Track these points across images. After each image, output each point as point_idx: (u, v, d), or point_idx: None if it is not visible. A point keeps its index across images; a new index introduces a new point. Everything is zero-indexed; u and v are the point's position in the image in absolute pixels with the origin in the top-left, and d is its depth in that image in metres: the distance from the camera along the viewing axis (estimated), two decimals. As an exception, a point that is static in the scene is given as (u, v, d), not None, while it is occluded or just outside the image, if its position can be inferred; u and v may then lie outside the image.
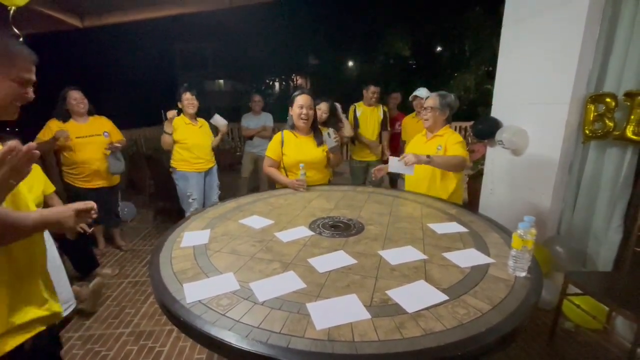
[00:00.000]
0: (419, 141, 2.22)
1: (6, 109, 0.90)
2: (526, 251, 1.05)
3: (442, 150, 2.01)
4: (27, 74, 0.90)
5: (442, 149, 2.02)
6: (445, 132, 2.06)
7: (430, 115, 2.05)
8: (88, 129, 2.71)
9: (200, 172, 2.96)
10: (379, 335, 0.80)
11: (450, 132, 2.06)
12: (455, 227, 1.48)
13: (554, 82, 2.18)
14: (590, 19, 1.96)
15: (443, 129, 2.07)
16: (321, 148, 2.18)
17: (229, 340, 0.79)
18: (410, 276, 1.07)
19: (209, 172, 3.05)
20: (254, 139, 3.93)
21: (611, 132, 1.94)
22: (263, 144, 4.01)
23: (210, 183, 3.08)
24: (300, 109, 2.07)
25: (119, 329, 2.04)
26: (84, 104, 2.69)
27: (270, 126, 4.04)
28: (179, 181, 2.93)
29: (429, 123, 2.08)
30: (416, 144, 2.23)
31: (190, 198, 2.91)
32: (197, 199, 2.94)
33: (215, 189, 3.13)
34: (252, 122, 3.94)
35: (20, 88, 0.89)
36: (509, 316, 0.87)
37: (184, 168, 2.89)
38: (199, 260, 1.19)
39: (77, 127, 2.65)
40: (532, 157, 2.41)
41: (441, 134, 2.07)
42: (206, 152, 2.98)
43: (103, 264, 2.79)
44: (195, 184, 2.92)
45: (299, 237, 1.37)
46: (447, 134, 2.05)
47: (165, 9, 3.45)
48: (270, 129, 4.02)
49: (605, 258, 2.08)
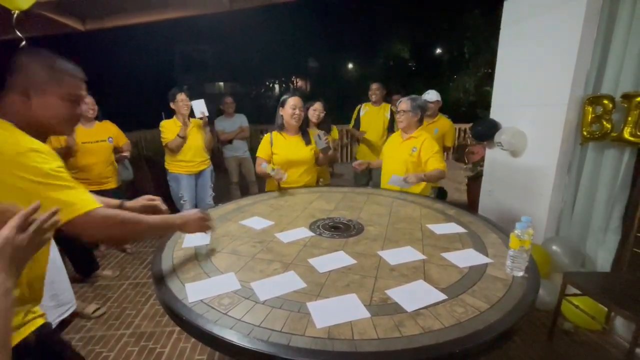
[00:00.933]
0: (395, 142, 2.36)
1: (61, 127, 0.93)
2: (523, 251, 1.06)
3: (417, 152, 2.19)
4: (77, 91, 0.93)
5: (416, 150, 2.20)
6: (420, 134, 2.24)
7: (404, 117, 2.23)
8: (94, 134, 2.71)
9: (190, 174, 2.96)
10: (378, 334, 0.81)
11: (424, 136, 2.22)
12: (453, 228, 1.49)
13: (552, 84, 2.20)
14: (588, 20, 1.98)
15: (417, 131, 2.26)
16: (309, 147, 2.25)
17: (231, 338, 0.80)
18: (410, 276, 1.08)
19: (200, 174, 3.03)
20: (234, 141, 3.89)
21: (609, 133, 1.95)
22: (244, 146, 4.04)
23: (203, 185, 3.07)
24: (293, 110, 2.16)
25: (120, 330, 2.04)
26: (93, 110, 2.70)
27: (247, 126, 4.00)
28: (171, 182, 2.97)
29: (404, 124, 2.26)
30: (392, 145, 2.38)
31: (181, 199, 2.95)
32: (189, 200, 2.96)
33: (209, 190, 3.10)
34: (227, 125, 3.91)
35: (71, 105, 0.92)
36: (506, 314, 0.88)
37: (175, 170, 2.92)
38: (200, 260, 1.21)
39: (84, 132, 2.64)
40: (530, 158, 2.42)
41: (416, 135, 2.25)
42: (197, 153, 2.94)
43: (104, 266, 2.80)
44: (186, 185, 2.94)
45: (299, 238, 1.38)
46: (422, 136, 2.22)
47: (166, 13, 3.47)
48: (247, 129, 3.99)
49: (603, 258, 2.09)
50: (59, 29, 3.37)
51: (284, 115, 2.20)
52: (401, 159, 2.24)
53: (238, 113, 4.02)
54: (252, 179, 4.15)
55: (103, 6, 3.25)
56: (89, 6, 3.17)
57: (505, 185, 2.68)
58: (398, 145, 2.30)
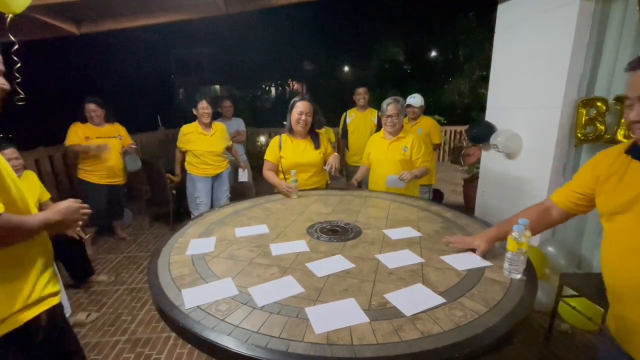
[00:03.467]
0: (382, 144, 2.35)
1: None
2: (521, 253, 1.06)
3: (409, 151, 2.24)
4: None
5: (408, 149, 2.25)
6: (407, 134, 2.30)
7: (396, 121, 2.26)
8: (106, 131, 3.04)
9: (207, 176, 3.07)
10: (377, 339, 0.80)
11: (411, 136, 2.28)
12: (409, 232, 1.47)
13: (546, 87, 2.23)
14: (580, 24, 2.01)
15: (403, 131, 2.31)
16: (318, 151, 2.21)
17: (228, 345, 0.79)
18: (408, 279, 1.08)
19: (217, 176, 3.15)
20: None
21: (602, 135, 1.97)
22: (240, 149, 4.04)
23: (220, 187, 3.19)
24: (300, 115, 2.13)
25: (115, 336, 2.02)
26: (99, 117, 2.99)
27: (244, 131, 4.06)
28: (188, 183, 3.09)
29: (396, 128, 2.28)
30: (379, 148, 2.36)
31: (197, 200, 3.05)
32: (205, 202, 3.06)
33: (225, 192, 3.22)
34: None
35: None
36: (504, 318, 0.88)
37: (192, 171, 3.05)
38: (197, 265, 1.20)
39: (96, 129, 2.98)
40: (525, 160, 2.44)
41: (403, 135, 2.29)
42: (215, 158, 3.07)
43: (99, 271, 2.76)
44: (202, 187, 3.05)
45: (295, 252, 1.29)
46: (409, 136, 2.28)
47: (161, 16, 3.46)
48: (244, 133, 4.05)
49: (599, 260, 2.10)
50: (54, 32, 3.35)
51: (291, 119, 2.17)
52: (393, 159, 2.27)
53: (236, 117, 4.05)
54: (250, 183, 4.14)
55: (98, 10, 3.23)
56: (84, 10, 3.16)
57: (501, 187, 2.70)
58: (386, 147, 2.31)
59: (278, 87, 17.12)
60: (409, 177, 2.07)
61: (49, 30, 3.25)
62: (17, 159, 2.17)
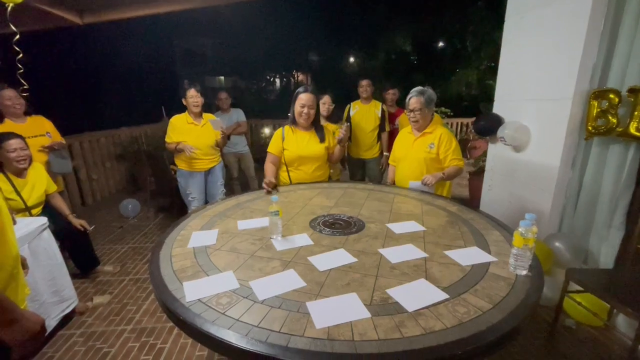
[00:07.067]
0: (407, 140, 2.21)
1: None
2: (527, 249, 1.04)
3: (435, 148, 2.06)
4: None
5: (434, 146, 2.06)
6: (435, 129, 2.10)
7: (419, 116, 2.08)
8: (28, 129, 2.49)
9: (200, 171, 2.91)
10: (378, 334, 0.80)
11: (440, 130, 2.08)
12: (413, 227, 1.45)
13: (557, 78, 2.16)
14: (594, 12, 1.93)
15: (431, 126, 2.12)
16: (322, 144, 2.16)
17: (229, 339, 0.79)
18: (411, 274, 1.07)
19: (210, 171, 2.98)
20: (231, 137, 3.74)
21: (614, 128, 1.92)
22: (242, 141, 3.98)
23: (214, 182, 3.02)
24: (302, 108, 2.07)
25: (121, 325, 2.05)
26: (20, 104, 2.52)
27: (244, 121, 3.89)
28: (180, 179, 2.93)
29: (419, 124, 2.12)
30: (404, 144, 2.22)
31: (189, 196, 2.91)
32: (197, 197, 2.92)
33: (220, 187, 3.06)
34: (223, 121, 3.86)
35: None
36: (509, 315, 0.87)
37: (184, 167, 2.87)
38: (198, 258, 1.19)
39: (15, 128, 2.37)
40: (534, 153, 2.39)
41: (430, 130, 2.11)
42: (207, 151, 2.88)
43: (104, 262, 2.80)
44: (195, 182, 2.90)
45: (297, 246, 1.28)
46: (437, 130, 2.09)
47: (165, 5, 3.43)
48: (245, 124, 3.88)
49: (606, 255, 2.07)
50: (56, 22, 3.33)
51: (295, 110, 2.11)
52: (417, 157, 2.11)
53: (235, 108, 3.93)
54: (252, 175, 4.12)
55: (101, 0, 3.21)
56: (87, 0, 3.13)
57: (508, 180, 2.65)
58: (411, 143, 2.15)
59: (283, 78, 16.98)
60: (432, 182, 1.88)
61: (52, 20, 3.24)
62: (22, 149, 2.17)
